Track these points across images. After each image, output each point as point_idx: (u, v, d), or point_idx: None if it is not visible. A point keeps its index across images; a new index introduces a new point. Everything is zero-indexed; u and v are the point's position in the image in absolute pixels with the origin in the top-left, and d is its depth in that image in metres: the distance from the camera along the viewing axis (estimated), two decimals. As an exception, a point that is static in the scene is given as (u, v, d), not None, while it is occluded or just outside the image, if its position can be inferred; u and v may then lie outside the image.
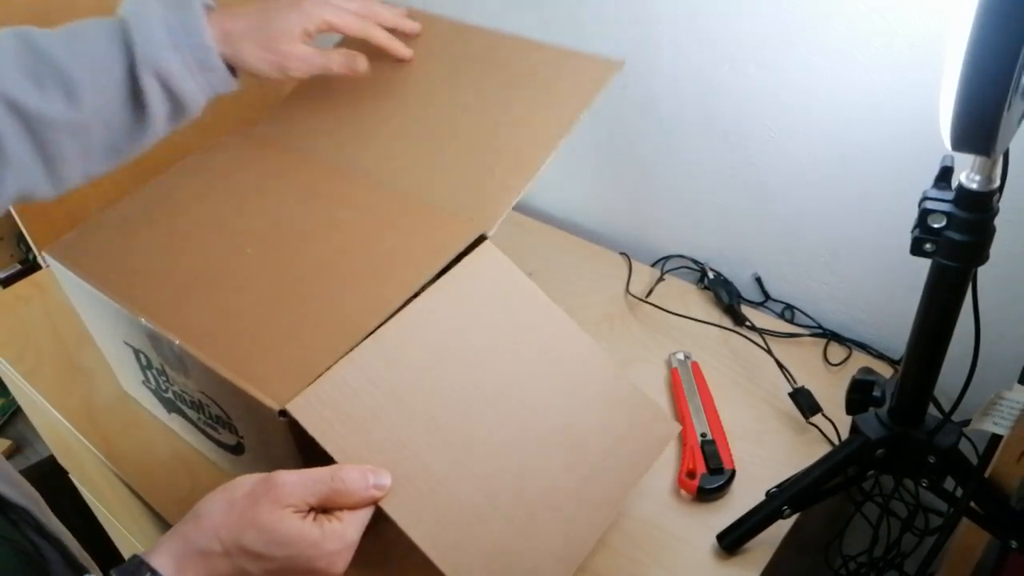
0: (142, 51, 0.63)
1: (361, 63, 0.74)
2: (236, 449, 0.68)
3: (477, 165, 0.69)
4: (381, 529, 0.53)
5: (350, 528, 0.51)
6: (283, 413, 0.54)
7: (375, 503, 0.53)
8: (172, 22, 0.65)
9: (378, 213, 0.68)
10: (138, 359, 0.72)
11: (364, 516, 0.52)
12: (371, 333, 0.58)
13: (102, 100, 0.63)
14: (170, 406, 0.75)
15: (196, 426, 0.72)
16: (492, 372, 0.60)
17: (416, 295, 0.60)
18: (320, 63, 0.71)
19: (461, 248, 0.63)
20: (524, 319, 0.63)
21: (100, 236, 0.71)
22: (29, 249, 1.07)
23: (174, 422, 0.77)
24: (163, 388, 0.72)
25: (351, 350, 0.56)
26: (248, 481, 0.50)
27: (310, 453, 0.56)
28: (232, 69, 0.69)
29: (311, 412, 0.54)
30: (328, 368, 0.55)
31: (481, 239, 0.64)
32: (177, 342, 0.60)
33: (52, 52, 0.61)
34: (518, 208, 0.69)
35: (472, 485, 0.56)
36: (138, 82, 0.64)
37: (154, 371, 0.71)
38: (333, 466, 0.52)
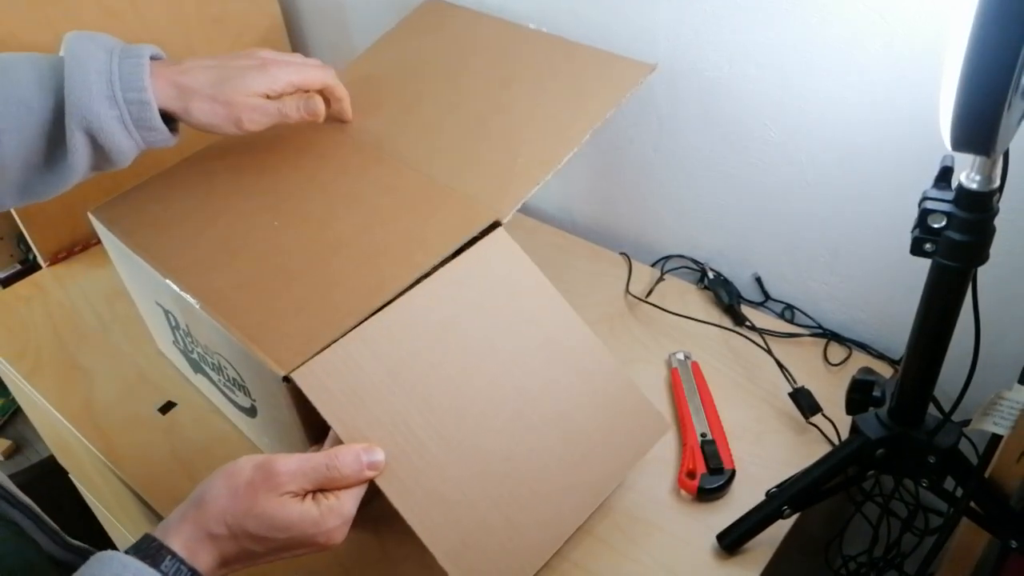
0: (73, 101, 0.60)
1: (320, 106, 0.71)
2: (251, 412, 0.71)
3: (503, 154, 0.71)
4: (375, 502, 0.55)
5: (347, 504, 0.53)
6: (287, 380, 0.56)
7: (369, 481, 0.54)
8: (113, 72, 0.61)
9: (401, 195, 0.70)
10: (168, 320, 0.75)
11: (359, 491, 0.54)
12: (378, 310, 0.59)
13: (23, 143, 0.60)
14: (196, 367, 0.78)
15: (217, 387, 0.75)
16: (492, 357, 0.61)
17: (426, 275, 0.62)
18: (275, 112, 0.68)
19: (473, 234, 0.65)
20: (529, 307, 0.64)
21: (142, 201, 0.74)
22: (29, 249, 1.07)
23: (200, 382, 0.81)
24: (189, 349, 0.76)
25: (358, 325, 0.58)
26: (247, 467, 0.52)
27: (313, 419, 0.58)
28: (172, 124, 0.66)
29: (314, 381, 0.56)
30: (334, 341, 0.57)
31: (495, 226, 0.66)
32: (198, 305, 0.63)
33: None
34: (519, 207, 0.69)
35: (463, 464, 0.57)
36: (64, 132, 0.61)
37: (181, 332, 0.74)
38: (329, 451, 0.54)
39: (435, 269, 0.63)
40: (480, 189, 0.69)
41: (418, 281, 0.62)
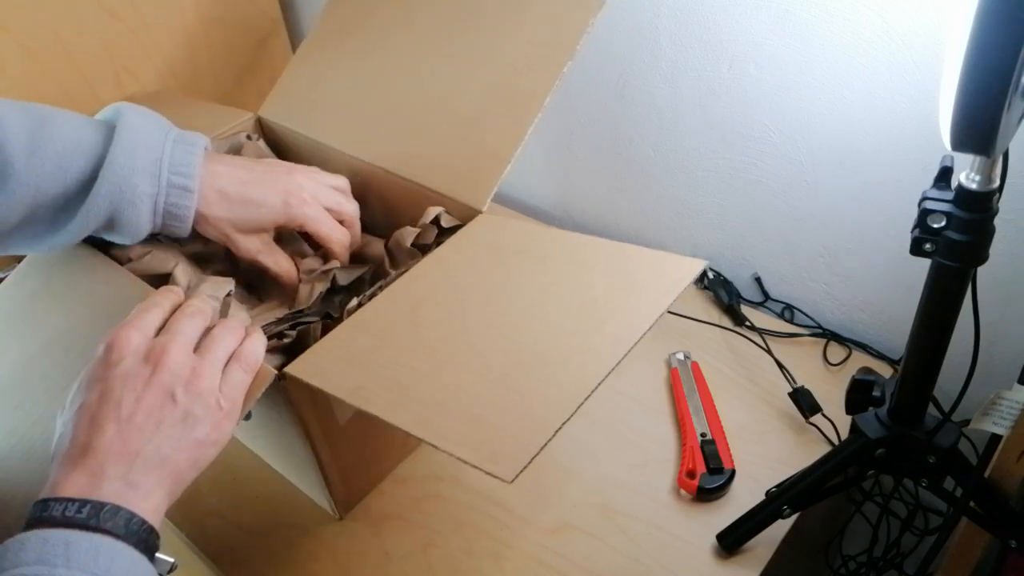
0: (114, 170, 0.57)
1: (294, 281, 0.69)
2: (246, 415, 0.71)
3: (469, 139, 0.71)
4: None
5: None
6: (282, 376, 0.56)
7: None
8: (165, 152, 0.59)
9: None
10: None
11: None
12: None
13: (42, 201, 0.56)
14: None
15: None
16: (486, 292, 0.61)
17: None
18: (263, 264, 0.66)
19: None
20: (516, 245, 0.65)
21: None
22: (29, 249, 1.06)
23: None
24: None
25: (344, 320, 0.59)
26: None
27: (310, 413, 0.58)
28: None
29: (308, 369, 0.56)
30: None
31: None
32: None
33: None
34: (514, 206, 0.69)
35: (456, 371, 0.55)
36: (83, 197, 0.57)
37: None
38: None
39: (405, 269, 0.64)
40: (453, 183, 0.69)
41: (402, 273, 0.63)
